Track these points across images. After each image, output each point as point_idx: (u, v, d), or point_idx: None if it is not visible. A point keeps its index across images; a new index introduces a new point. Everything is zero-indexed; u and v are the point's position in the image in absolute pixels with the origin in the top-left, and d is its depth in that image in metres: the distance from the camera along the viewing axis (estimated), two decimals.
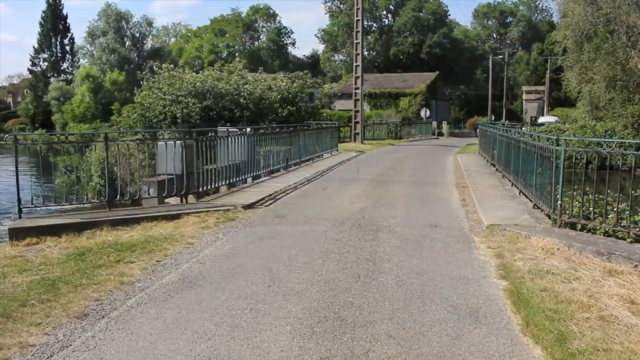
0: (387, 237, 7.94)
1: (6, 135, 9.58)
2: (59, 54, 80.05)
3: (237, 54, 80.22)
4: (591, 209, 7.76)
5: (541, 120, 48.35)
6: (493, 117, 63.85)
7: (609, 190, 7.59)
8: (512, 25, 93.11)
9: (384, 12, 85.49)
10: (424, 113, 47.41)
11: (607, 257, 6.59)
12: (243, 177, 13.05)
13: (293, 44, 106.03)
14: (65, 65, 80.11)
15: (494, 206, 9.91)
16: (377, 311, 5.12)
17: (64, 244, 7.54)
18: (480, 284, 6.02)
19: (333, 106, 46.37)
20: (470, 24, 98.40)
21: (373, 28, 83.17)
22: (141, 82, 26.31)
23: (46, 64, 79.70)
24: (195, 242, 7.69)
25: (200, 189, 10.70)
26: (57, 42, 79.56)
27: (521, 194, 11.07)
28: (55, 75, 78.50)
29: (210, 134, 10.99)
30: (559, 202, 7.76)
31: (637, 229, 7.11)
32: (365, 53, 58.56)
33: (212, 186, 11.34)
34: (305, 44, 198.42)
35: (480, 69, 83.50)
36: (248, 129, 14.80)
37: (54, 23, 78.07)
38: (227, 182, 11.96)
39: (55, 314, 4.96)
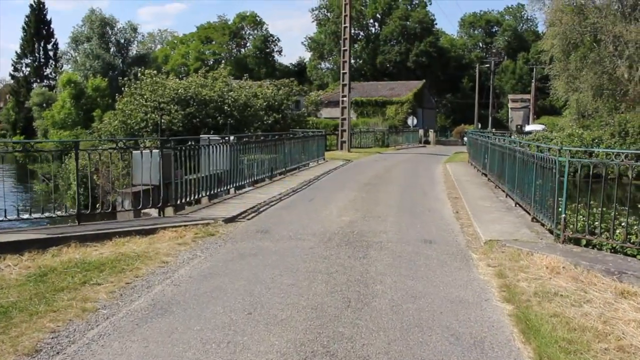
0: (379, 254, 7.37)
1: None
2: (42, 60, 78.74)
3: (223, 61, 79.62)
4: (596, 223, 7.27)
5: (528, 128, 48.27)
6: (480, 126, 63.92)
7: (615, 204, 7.07)
8: (498, 34, 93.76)
9: (371, 21, 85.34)
10: (411, 121, 47.05)
11: (617, 277, 6.08)
12: (226, 188, 12.44)
13: (280, 51, 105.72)
14: (48, 70, 78.92)
15: (490, 219, 9.39)
16: (371, 343, 4.54)
17: (26, 262, 6.87)
18: (482, 308, 5.46)
19: (319, 114, 45.89)
20: (456, 33, 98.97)
21: (360, 36, 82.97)
22: (122, 89, 25.58)
23: (29, 69, 78.36)
24: (170, 261, 7.06)
25: (179, 201, 10.06)
26: (40, 48, 78.25)
27: (517, 205, 10.58)
28: (38, 80, 77.15)
29: (189, 143, 10.37)
30: (563, 216, 7.24)
31: None
32: (352, 61, 58.15)
33: (192, 197, 10.70)
34: (292, 52, 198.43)
35: (467, 77, 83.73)
36: (231, 137, 14.18)
37: (37, 28, 76.81)
38: (209, 193, 11.32)
39: (1, 351, 4.32)
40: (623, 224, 6.95)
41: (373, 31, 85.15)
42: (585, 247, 7.19)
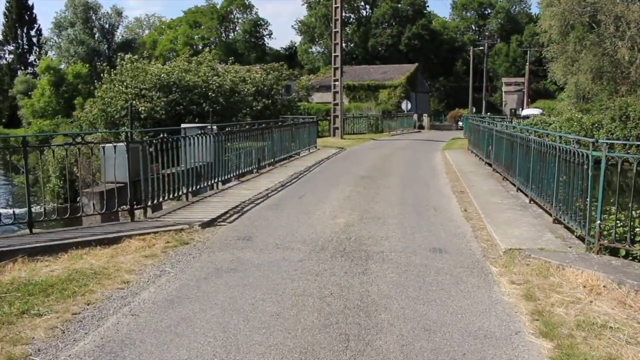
0: (381, 268, 6.22)
1: None
2: (26, 46, 76.77)
3: (212, 46, 77.86)
4: (638, 230, 6.16)
5: (525, 112, 47.13)
6: (474, 110, 62.90)
7: None
8: (491, 16, 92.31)
9: (362, 3, 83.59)
10: (405, 105, 45.77)
11: None
12: (209, 183, 11.20)
13: (270, 35, 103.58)
14: (32, 57, 76.89)
15: (505, 220, 8.25)
16: None
17: None
18: (514, 346, 4.35)
19: (311, 99, 44.61)
20: (448, 15, 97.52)
21: (351, 19, 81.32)
22: (101, 75, 24.19)
23: (12, 56, 76.43)
24: (132, 280, 5.89)
25: (154, 201, 8.84)
26: (24, 34, 76.31)
27: (532, 202, 9.46)
28: (22, 68, 75.19)
29: (162, 135, 9.11)
30: (598, 222, 6.12)
31: None
32: (344, 45, 56.54)
33: (170, 196, 9.48)
34: (282, 36, 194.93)
35: (460, 60, 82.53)
36: (214, 127, 12.92)
37: (19, 14, 74.66)
38: (188, 190, 10.06)
39: None
40: None
41: (364, 14, 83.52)
42: (624, 259, 6.08)
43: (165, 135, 9.07)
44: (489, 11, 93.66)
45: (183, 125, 15.08)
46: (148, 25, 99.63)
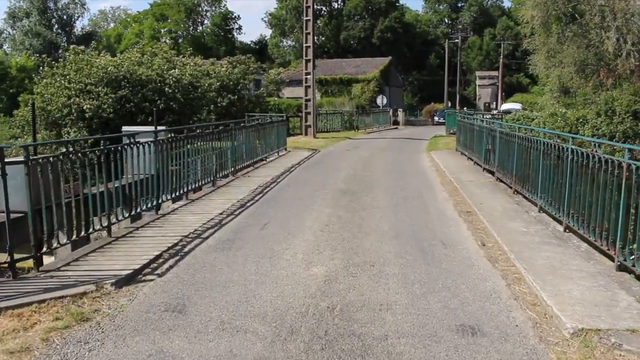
0: None
1: None
2: None
3: (180, 39, 74.65)
4: None
5: (504, 107, 45.45)
6: (449, 104, 61.45)
7: None
8: (464, 10, 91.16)
9: None
10: (381, 100, 43.57)
11: None
12: (149, 205, 8.67)
13: (240, 29, 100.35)
14: None
15: (547, 264, 5.93)
16: None
17: None
18: None
19: (281, 94, 42.17)
20: (421, 8, 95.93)
21: (323, 12, 78.89)
22: (40, 68, 21.31)
23: None
24: None
25: (47, 247, 6.26)
26: None
27: (568, 230, 7.23)
28: None
29: (66, 149, 6.52)
30: None
31: None
32: (315, 38, 53.87)
33: (78, 235, 6.91)
34: (252, 30, 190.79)
35: (433, 54, 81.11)
36: (161, 130, 10.36)
37: None
38: (108, 222, 7.48)
39: None
40: None
41: (336, 7, 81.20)
42: None
43: (71, 148, 6.50)
44: (462, 4, 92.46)
45: (124, 129, 12.53)
46: (113, 18, 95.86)
